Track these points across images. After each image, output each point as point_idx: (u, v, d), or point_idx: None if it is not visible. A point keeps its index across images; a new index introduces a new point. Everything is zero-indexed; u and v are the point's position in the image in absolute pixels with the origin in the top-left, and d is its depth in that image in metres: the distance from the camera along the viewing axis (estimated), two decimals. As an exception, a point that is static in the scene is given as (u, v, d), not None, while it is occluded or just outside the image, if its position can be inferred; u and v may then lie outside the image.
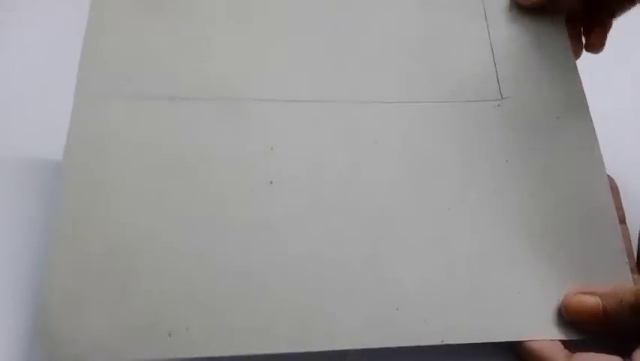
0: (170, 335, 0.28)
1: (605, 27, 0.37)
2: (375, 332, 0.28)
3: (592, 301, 0.28)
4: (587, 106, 0.34)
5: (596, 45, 0.37)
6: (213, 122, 0.33)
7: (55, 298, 0.28)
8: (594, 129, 0.33)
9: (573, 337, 0.29)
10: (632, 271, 0.30)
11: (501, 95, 0.35)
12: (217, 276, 0.29)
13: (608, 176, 0.32)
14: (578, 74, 0.35)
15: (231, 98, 0.33)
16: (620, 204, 0.32)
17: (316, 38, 0.36)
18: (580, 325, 0.29)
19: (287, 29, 0.36)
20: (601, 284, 0.29)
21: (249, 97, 0.33)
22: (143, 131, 0.32)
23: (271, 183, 0.31)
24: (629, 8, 0.36)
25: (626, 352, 0.28)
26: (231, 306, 0.29)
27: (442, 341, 0.28)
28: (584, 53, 0.38)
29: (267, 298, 0.29)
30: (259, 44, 0.35)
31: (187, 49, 0.34)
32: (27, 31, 0.41)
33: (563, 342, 0.29)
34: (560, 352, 0.28)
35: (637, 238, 0.31)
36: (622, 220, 0.31)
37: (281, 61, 0.35)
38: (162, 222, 0.30)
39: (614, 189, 0.32)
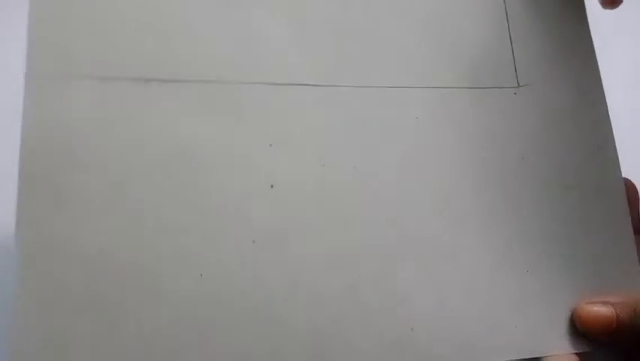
0: None
1: None
2: (391, 354, 0.26)
3: (605, 311, 0.27)
4: (604, 98, 0.31)
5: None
6: (197, 111, 0.26)
7: (28, 344, 0.22)
8: (611, 126, 0.31)
9: (585, 349, 0.27)
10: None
11: (518, 82, 0.31)
12: (216, 297, 0.24)
13: (629, 181, 0.30)
14: (596, 61, 0.32)
15: (218, 81, 0.27)
16: (638, 213, 0.30)
17: (317, 14, 0.29)
18: (592, 335, 0.27)
19: (283, 3, 0.29)
20: (612, 293, 0.28)
21: (240, 80, 0.27)
22: (114, 122, 0.25)
23: (272, 186, 0.26)
24: None
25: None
26: (233, 330, 0.24)
27: None
28: None
29: (274, 321, 0.25)
30: (251, 18, 0.28)
31: (163, 21, 0.27)
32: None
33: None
34: None
35: None
36: (637, 231, 0.30)
37: (276, 38, 0.28)
38: (146, 239, 0.24)
39: (634, 196, 0.30)
